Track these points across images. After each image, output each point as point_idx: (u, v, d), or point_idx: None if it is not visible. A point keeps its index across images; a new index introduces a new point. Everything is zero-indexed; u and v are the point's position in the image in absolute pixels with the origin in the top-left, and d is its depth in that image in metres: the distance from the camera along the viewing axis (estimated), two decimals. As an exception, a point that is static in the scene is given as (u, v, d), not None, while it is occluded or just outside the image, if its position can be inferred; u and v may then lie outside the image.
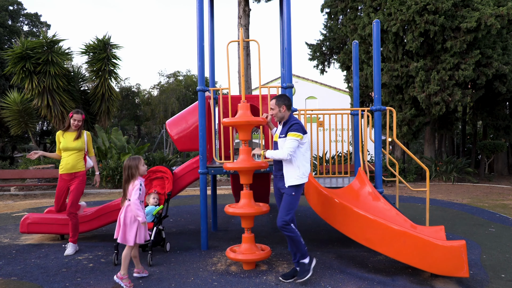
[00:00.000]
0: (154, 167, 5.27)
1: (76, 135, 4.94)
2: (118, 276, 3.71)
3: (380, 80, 5.23)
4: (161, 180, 5.25)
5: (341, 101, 23.19)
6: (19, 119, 14.24)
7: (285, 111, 3.90)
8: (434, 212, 7.65)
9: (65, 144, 4.89)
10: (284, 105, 3.88)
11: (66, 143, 4.89)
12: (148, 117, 27.07)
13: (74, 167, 4.93)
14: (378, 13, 13.26)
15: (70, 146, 4.89)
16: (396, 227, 3.82)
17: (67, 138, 4.93)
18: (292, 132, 3.73)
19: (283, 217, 3.76)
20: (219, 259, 4.60)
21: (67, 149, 4.90)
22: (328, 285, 3.75)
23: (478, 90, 13.40)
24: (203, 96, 5.03)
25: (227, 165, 4.27)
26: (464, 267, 3.58)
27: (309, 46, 18.45)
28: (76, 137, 4.92)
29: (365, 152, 5.65)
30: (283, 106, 3.88)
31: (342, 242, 5.33)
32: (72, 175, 4.93)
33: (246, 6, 13.97)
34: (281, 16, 6.58)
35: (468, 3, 12.45)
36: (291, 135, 3.73)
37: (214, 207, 6.28)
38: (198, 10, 4.95)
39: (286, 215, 3.76)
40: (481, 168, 16.89)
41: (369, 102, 16.08)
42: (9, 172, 11.39)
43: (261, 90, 5.21)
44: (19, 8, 24.09)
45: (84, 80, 15.15)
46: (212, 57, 6.37)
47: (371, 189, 4.82)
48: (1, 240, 5.64)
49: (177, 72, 28.97)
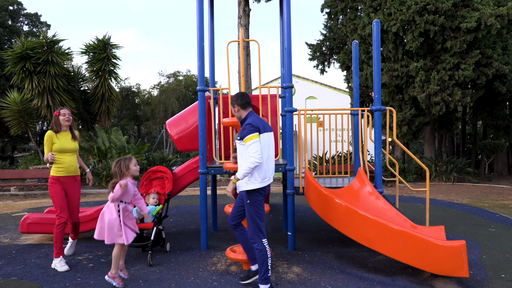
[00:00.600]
0: (154, 167, 5.23)
1: (72, 135, 4.60)
2: (109, 275, 3.74)
3: (380, 80, 5.23)
4: (161, 180, 5.22)
5: (341, 101, 23.21)
6: (19, 119, 14.24)
7: (239, 111, 3.70)
8: (434, 212, 7.65)
9: (61, 145, 4.45)
10: (237, 105, 3.68)
11: (63, 144, 4.46)
12: (148, 117, 27.08)
13: (76, 170, 4.60)
14: (378, 13, 13.26)
15: (69, 147, 4.50)
16: (396, 227, 3.82)
17: (62, 138, 4.49)
18: (247, 137, 3.47)
19: (251, 234, 3.56)
20: (219, 259, 4.60)
21: (65, 151, 4.47)
22: (328, 285, 3.75)
23: (478, 90, 13.40)
24: (203, 96, 5.03)
25: (227, 165, 4.27)
26: (464, 267, 3.58)
27: (309, 46, 18.45)
28: (73, 137, 4.59)
29: (365, 152, 5.65)
30: (236, 106, 3.68)
31: (342, 242, 5.33)
32: (73, 178, 4.55)
33: (246, 6, 13.97)
34: (281, 16, 6.58)
35: (468, 3, 12.45)
36: (247, 140, 3.46)
37: (214, 207, 6.28)
38: (198, 10, 4.94)
39: (253, 233, 3.55)
40: (481, 168, 16.89)
41: (369, 102, 16.08)
42: (9, 172, 11.39)
43: (261, 90, 5.20)
44: (19, 8, 24.09)
45: (84, 80, 15.16)
46: (212, 57, 6.37)
47: (371, 189, 4.82)
48: (1, 240, 5.64)
49: (177, 72, 28.98)
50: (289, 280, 3.87)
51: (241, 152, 3.58)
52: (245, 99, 3.70)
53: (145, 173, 5.22)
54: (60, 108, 4.63)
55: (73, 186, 4.54)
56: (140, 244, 4.62)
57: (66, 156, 4.48)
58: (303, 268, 4.23)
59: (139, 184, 5.04)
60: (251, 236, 3.57)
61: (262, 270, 3.53)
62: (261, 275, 3.54)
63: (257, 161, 3.42)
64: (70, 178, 4.52)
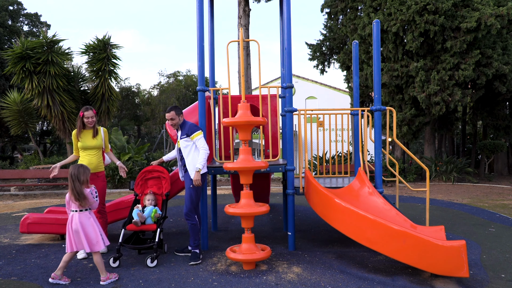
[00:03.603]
0: (149, 167, 5.03)
1: (93, 133, 4.73)
2: (102, 279, 3.81)
3: (380, 80, 5.22)
4: (157, 180, 5.04)
5: (341, 101, 23.22)
6: (19, 119, 14.24)
7: (182, 118, 4.67)
8: (434, 212, 7.65)
9: (84, 143, 4.68)
10: (181, 114, 4.66)
11: (85, 142, 4.69)
12: (148, 117, 27.08)
13: (97, 167, 4.75)
14: (378, 13, 13.26)
15: (90, 145, 4.69)
16: (396, 227, 3.82)
17: (84, 137, 4.71)
18: (195, 133, 4.50)
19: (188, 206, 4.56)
20: (219, 259, 4.60)
21: (86, 148, 4.69)
22: (328, 285, 3.75)
23: (478, 90, 13.40)
24: (203, 96, 5.03)
25: (227, 165, 4.27)
26: (464, 267, 3.58)
27: (309, 46, 18.45)
28: (94, 135, 4.73)
29: (365, 152, 5.65)
30: (181, 115, 4.64)
31: (342, 242, 5.33)
32: (94, 175, 4.67)
33: (246, 6, 13.97)
34: (281, 16, 6.58)
35: (468, 3, 12.45)
36: (197, 135, 4.50)
37: (214, 207, 6.28)
38: (198, 10, 4.94)
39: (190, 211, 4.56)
40: (481, 168, 16.90)
41: (369, 102, 16.08)
42: (9, 172, 11.40)
43: (261, 90, 5.20)
44: (19, 8, 24.09)
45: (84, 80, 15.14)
46: (212, 57, 6.37)
47: (371, 189, 4.82)
48: (1, 240, 5.64)
49: (177, 72, 28.99)
50: (289, 280, 3.87)
51: (185, 145, 4.55)
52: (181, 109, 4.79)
53: (140, 173, 5.01)
54: (84, 108, 4.72)
55: (95, 183, 4.54)
56: (142, 247, 4.56)
57: (88, 153, 4.70)
58: (303, 268, 4.23)
59: (135, 184, 4.94)
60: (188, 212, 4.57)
61: (197, 240, 4.57)
62: (195, 242, 4.57)
63: (207, 151, 4.51)
64: (92, 175, 4.49)
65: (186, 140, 4.54)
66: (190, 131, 4.52)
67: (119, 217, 5.52)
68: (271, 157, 5.24)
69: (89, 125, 4.72)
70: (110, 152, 5.05)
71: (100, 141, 4.78)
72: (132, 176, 12.84)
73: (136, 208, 4.68)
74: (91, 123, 4.71)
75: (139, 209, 4.65)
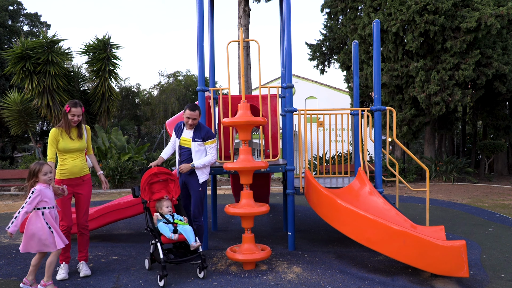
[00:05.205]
0: (155, 169, 4.36)
1: (78, 133, 4.08)
2: (42, 283, 3.64)
3: (380, 80, 5.23)
4: (163, 184, 4.44)
5: (341, 101, 23.20)
6: (19, 119, 14.24)
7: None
8: (434, 212, 7.65)
9: (66, 145, 3.98)
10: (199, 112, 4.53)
11: (67, 143, 3.99)
12: (148, 117, 27.07)
13: (82, 170, 4.09)
14: (378, 13, 13.26)
15: (73, 147, 4.01)
16: (396, 227, 3.82)
17: (66, 137, 4.01)
18: (210, 140, 4.47)
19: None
20: (219, 259, 4.60)
21: (69, 151, 4.00)
22: (328, 285, 3.75)
23: (478, 90, 13.41)
24: (203, 96, 5.03)
25: (227, 165, 4.27)
26: (464, 267, 3.58)
27: (309, 46, 18.45)
28: (78, 135, 4.08)
29: (365, 152, 5.65)
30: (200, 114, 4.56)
31: (342, 242, 5.33)
32: (79, 179, 4.08)
33: (246, 6, 13.98)
34: (281, 16, 6.58)
35: (468, 3, 12.45)
36: (211, 142, 4.47)
37: (214, 207, 6.28)
38: (198, 10, 4.95)
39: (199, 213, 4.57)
40: (481, 168, 16.90)
41: (369, 102, 16.08)
42: (9, 172, 11.41)
43: (261, 90, 5.20)
44: (19, 8, 24.09)
45: (84, 80, 15.16)
46: (212, 57, 6.37)
47: (371, 189, 4.82)
48: (1, 240, 5.64)
49: (177, 72, 28.98)
50: (289, 280, 3.87)
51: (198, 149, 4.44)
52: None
53: (145, 177, 4.30)
54: (71, 103, 4.01)
55: (80, 188, 4.10)
56: (189, 258, 4.05)
57: (70, 156, 4.03)
58: (303, 268, 4.23)
59: (141, 189, 4.26)
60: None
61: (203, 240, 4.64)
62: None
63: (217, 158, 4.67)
64: (76, 180, 4.06)
65: (199, 144, 4.43)
66: (207, 137, 4.44)
67: (119, 217, 5.52)
68: (271, 157, 5.24)
69: (73, 124, 4.02)
70: (93, 155, 4.40)
71: (84, 143, 4.14)
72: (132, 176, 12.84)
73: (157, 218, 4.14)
74: (76, 122, 4.02)
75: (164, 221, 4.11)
